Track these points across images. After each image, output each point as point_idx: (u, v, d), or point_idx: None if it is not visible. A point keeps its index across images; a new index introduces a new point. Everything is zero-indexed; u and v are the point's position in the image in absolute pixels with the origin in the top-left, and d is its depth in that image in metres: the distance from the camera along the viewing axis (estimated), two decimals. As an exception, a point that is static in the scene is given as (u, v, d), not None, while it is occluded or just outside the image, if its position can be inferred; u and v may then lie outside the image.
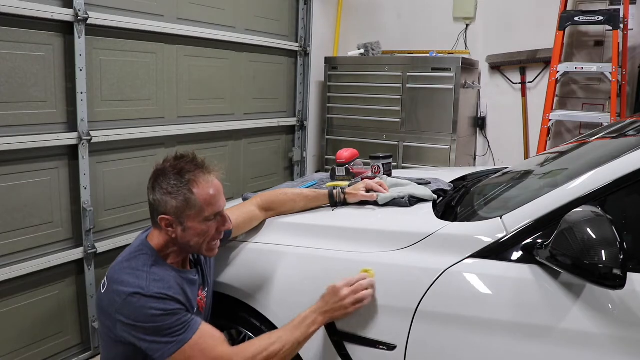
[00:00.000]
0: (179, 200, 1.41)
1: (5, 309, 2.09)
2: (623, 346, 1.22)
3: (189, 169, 1.44)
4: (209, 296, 1.63)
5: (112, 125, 2.40)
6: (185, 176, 1.42)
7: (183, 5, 2.71)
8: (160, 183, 1.43)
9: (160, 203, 1.42)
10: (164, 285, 1.37)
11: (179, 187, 1.41)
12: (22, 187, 2.09)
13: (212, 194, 1.44)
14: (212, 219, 1.45)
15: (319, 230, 1.71)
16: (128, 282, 1.36)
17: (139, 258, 1.42)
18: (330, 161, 4.15)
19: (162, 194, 1.42)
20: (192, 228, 1.43)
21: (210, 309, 1.65)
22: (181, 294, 1.41)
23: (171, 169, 1.44)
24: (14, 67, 2.01)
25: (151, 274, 1.38)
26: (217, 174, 1.49)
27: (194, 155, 1.49)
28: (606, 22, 3.43)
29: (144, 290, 1.34)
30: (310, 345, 1.50)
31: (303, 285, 1.59)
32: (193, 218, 1.42)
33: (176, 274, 1.45)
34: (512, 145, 4.19)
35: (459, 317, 1.36)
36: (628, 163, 1.34)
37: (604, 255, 1.14)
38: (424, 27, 4.44)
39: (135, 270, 1.39)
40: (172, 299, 1.36)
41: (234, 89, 3.12)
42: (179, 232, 1.44)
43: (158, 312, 1.33)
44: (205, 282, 1.61)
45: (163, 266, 1.44)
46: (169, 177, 1.42)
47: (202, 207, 1.42)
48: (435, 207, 1.79)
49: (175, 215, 1.42)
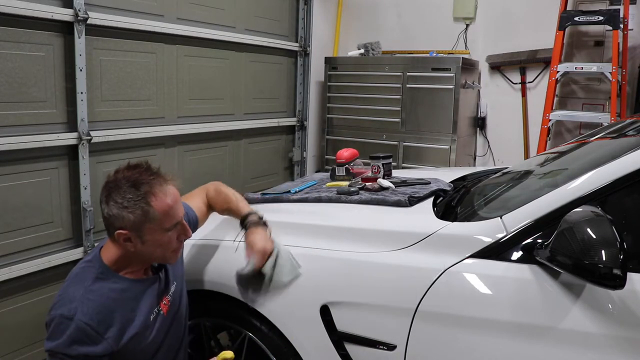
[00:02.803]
0: (137, 215, 1.35)
1: (6, 309, 2.09)
2: (623, 346, 1.22)
3: (144, 179, 1.38)
4: (178, 296, 1.61)
5: (112, 125, 2.40)
6: (141, 188, 1.36)
7: (183, 5, 2.71)
8: (115, 197, 1.36)
9: (116, 218, 1.36)
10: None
11: (136, 201, 1.35)
12: (22, 187, 2.09)
13: (171, 204, 1.39)
14: (172, 229, 1.42)
15: (319, 230, 1.71)
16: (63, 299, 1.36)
17: (85, 272, 1.41)
18: (330, 161, 4.15)
19: (118, 209, 1.36)
20: (152, 240, 1.40)
21: (181, 308, 1.62)
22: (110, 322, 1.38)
23: (125, 181, 1.37)
24: (14, 67, 2.01)
25: (89, 291, 1.36)
26: (173, 182, 1.44)
27: (148, 164, 1.44)
28: (606, 22, 3.43)
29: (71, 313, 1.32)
30: (310, 345, 1.51)
31: (303, 285, 1.59)
32: (153, 231, 1.38)
33: (130, 285, 1.43)
34: (512, 145, 4.19)
35: (459, 317, 1.36)
36: (628, 163, 1.34)
37: (604, 255, 1.14)
38: (424, 27, 4.44)
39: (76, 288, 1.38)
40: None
41: (234, 89, 3.12)
42: (139, 246, 1.40)
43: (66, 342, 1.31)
44: (169, 285, 1.58)
45: (108, 281, 1.40)
46: (124, 190, 1.36)
47: (162, 219, 1.38)
48: (435, 207, 1.80)
49: (134, 229, 1.37)
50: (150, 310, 1.48)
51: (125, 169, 1.41)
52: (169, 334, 1.56)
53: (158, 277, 1.54)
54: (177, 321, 1.60)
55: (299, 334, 1.56)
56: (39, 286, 2.19)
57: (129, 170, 1.40)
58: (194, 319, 1.79)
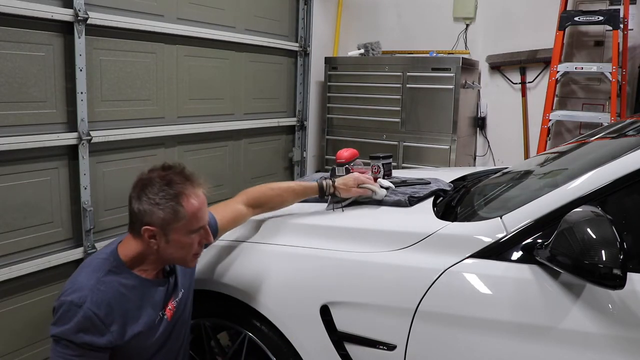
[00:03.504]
0: (167, 212, 1.38)
1: (6, 309, 2.09)
2: (623, 346, 1.22)
3: (177, 180, 1.41)
4: (184, 303, 1.62)
5: (112, 125, 2.40)
6: (174, 188, 1.39)
7: (183, 5, 2.71)
8: (147, 193, 1.39)
9: (145, 213, 1.39)
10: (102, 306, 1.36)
11: (167, 199, 1.38)
12: (22, 187, 2.09)
13: (200, 207, 1.42)
14: (196, 232, 1.44)
15: (320, 230, 1.71)
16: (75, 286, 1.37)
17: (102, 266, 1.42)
18: (330, 161, 4.15)
19: (150, 204, 1.38)
20: (176, 240, 1.42)
21: (184, 315, 1.63)
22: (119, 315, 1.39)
23: (159, 180, 1.40)
24: (14, 67, 2.01)
25: (101, 283, 1.38)
26: (203, 188, 1.47)
27: (183, 167, 1.47)
28: (606, 22, 3.43)
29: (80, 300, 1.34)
30: (310, 345, 1.51)
31: (303, 285, 1.59)
32: (179, 230, 1.41)
33: (139, 283, 1.45)
34: (512, 145, 4.19)
35: (459, 317, 1.36)
36: (628, 163, 1.34)
37: (604, 255, 1.14)
38: (424, 27, 4.44)
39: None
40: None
41: (233, 89, 3.12)
42: (162, 244, 1.42)
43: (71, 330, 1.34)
44: (177, 291, 1.59)
45: (120, 275, 1.42)
46: (157, 188, 1.39)
47: (189, 220, 1.40)
48: (435, 207, 1.80)
49: (161, 226, 1.39)
50: (156, 311, 1.49)
51: (160, 168, 1.45)
52: (170, 338, 1.57)
53: (168, 281, 1.55)
54: (178, 327, 1.61)
55: (299, 334, 1.56)
56: (39, 286, 2.19)
57: (164, 170, 1.44)
58: (194, 319, 1.79)
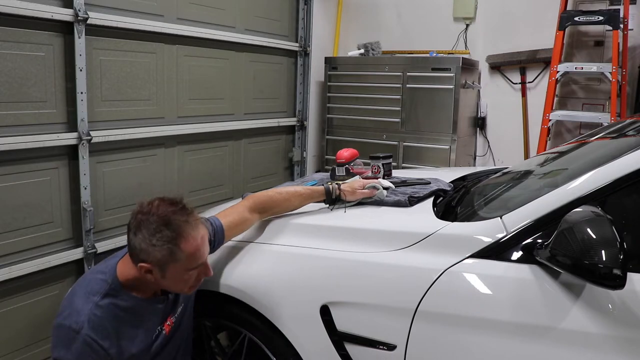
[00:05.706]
0: (163, 254, 1.35)
1: (6, 309, 2.09)
2: (623, 346, 1.22)
3: (176, 220, 1.36)
4: (182, 316, 1.62)
5: (112, 125, 2.40)
6: (172, 228, 1.35)
7: (183, 5, 2.71)
8: (144, 232, 1.35)
9: (142, 251, 1.36)
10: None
11: (165, 240, 1.35)
12: (22, 187, 2.09)
13: (198, 247, 1.40)
14: (194, 269, 1.43)
15: (320, 231, 1.71)
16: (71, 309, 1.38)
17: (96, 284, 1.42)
18: (330, 161, 4.15)
19: (146, 245, 1.35)
20: (173, 277, 1.41)
21: (184, 324, 1.64)
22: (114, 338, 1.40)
23: (157, 218, 1.36)
24: (14, 67, 2.01)
25: (97, 307, 1.38)
26: (203, 224, 1.45)
27: (183, 202, 1.42)
28: (606, 22, 3.43)
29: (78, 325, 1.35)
30: (310, 345, 1.51)
31: (303, 285, 1.59)
32: (175, 269, 1.39)
33: (137, 303, 1.45)
34: (512, 145, 4.19)
35: (459, 317, 1.36)
36: (628, 163, 1.34)
37: (604, 255, 1.14)
38: (424, 27, 4.44)
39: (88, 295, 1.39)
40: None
41: (234, 89, 3.12)
42: (159, 279, 1.41)
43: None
44: (176, 308, 1.58)
45: (117, 298, 1.41)
46: (154, 228, 1.35)
47: (187, 260, 1.39)
48: (435, 207, 1.79)
49: (158, 265, 1.37)
50: (154, 328, 1.50)
51: (159, 203, 1.39)
52: (166, 347, 1.58)
53: (166, 298, 1.54)
54: (176, 337, 1.62)
55: (299, 334, 1.56)
56: (39, 286, 2.19)
57: (164, 206, 1.38)
58: (194, 319, 1.79)
